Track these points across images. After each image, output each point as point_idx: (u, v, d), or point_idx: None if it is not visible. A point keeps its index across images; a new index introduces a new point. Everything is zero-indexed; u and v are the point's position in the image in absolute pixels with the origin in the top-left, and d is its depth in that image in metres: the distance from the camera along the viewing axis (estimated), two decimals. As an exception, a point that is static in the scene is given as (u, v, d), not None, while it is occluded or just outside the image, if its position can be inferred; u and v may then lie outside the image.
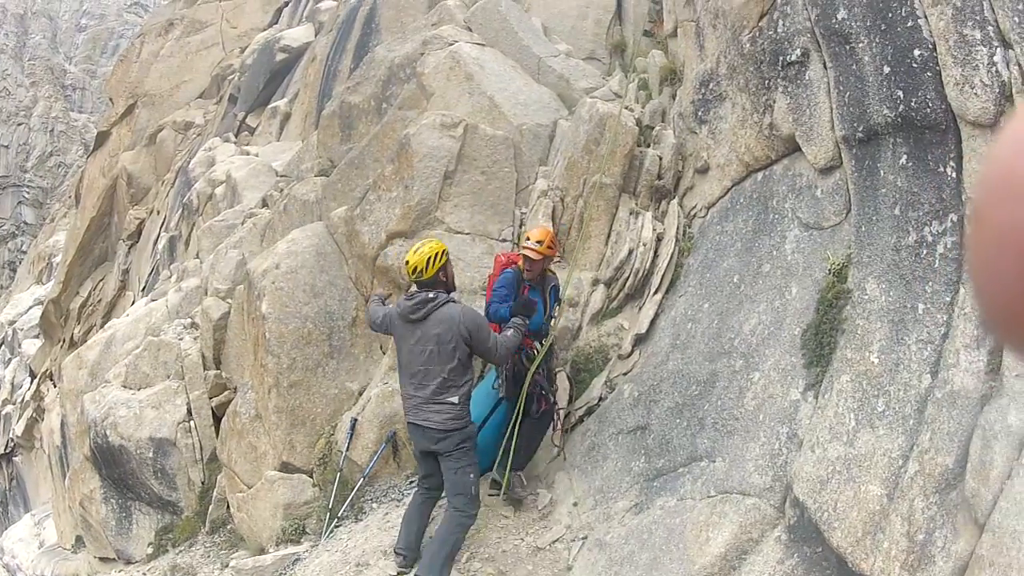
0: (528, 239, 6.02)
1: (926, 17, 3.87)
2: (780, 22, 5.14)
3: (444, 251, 5.42)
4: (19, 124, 46.83)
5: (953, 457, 3.34)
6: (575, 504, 5.90)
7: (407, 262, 5.39)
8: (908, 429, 3.63)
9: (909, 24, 3.95)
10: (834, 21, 4.55)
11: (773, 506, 4.32)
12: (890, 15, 4.08)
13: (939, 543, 3.29)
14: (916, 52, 3.91)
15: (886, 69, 4.12)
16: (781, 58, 5.13)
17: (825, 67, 4.76)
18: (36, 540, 14.14)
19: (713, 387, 5.15)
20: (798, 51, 4.95)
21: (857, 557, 3.65)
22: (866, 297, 4.11)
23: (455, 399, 5.28)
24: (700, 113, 6.40)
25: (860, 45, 4.32)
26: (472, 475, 5.37)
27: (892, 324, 3.89)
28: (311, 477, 7.49)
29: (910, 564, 3.37)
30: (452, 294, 5.56)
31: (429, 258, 5.30)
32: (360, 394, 7.70)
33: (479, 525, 5.82)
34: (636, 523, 5.12)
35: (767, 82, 5.36)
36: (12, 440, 20.65)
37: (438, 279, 5.38)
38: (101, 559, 10.26)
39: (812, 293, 4.59)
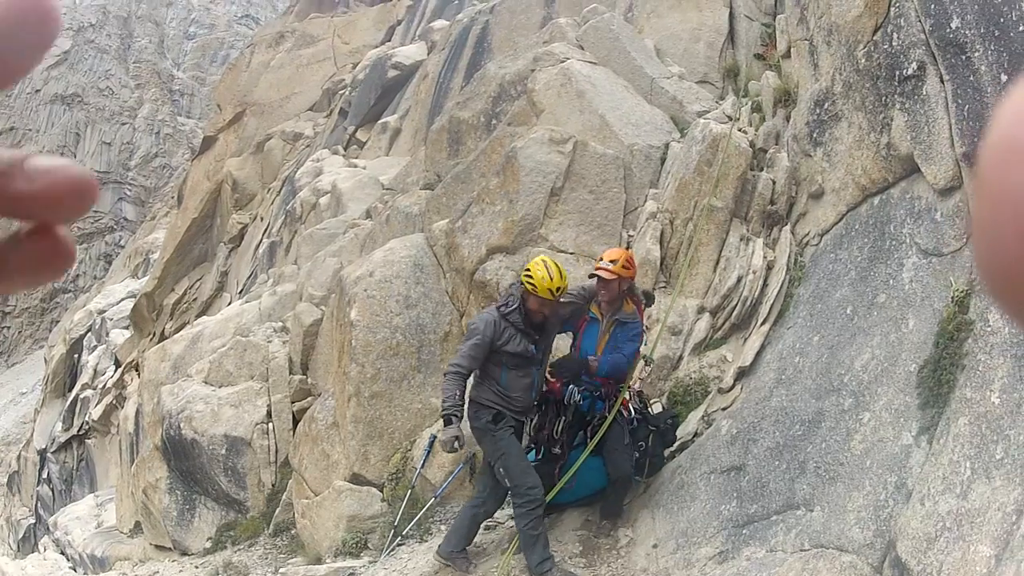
0: (601, 259, 5.75)
1: (1036, 20, 3.84)
2: (895, 35, 5.15)
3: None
4: (123, 123, 50.49)
5: (1066, 514, 3.18)
6: (655, 546, 5.80)
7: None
8: (1025, 480, 3.48)
9: (1021, 28, 3.90)
10: (948, 31, 4.53)
11: (871, 565, 4.16)
12: (1001, 20, 4.04)
13: (1037, 614, 3.11)
14: (1030, 57, 3.87)
15: (1004, 78, 4.07)
16: (897, 72, 5.12)
17: (942, 80, 4.73)
18: (95, 520, 15.07)
19: (818, 428, 5.04)
20: (914, 64, 4.93)
21: (955, 629, 3.45)
22: (988, 328, 4.00)
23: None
24: (815, 134, 6.41)
25: (976, 54, 4.28)
26: (500, 468, 5.69)
27: (1015, 359, 3.76)
28: (381, 491, 7.68)
29: (1005, 637, 3.18)
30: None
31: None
32: (444, 411, 7.84)
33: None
34: (718, 574, 5.00)
35: (884, 99, 5.35)
36: (87, 423, 21.96)
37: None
38: (156, 547, 10.81)
39: (931, 325, 4.48)
